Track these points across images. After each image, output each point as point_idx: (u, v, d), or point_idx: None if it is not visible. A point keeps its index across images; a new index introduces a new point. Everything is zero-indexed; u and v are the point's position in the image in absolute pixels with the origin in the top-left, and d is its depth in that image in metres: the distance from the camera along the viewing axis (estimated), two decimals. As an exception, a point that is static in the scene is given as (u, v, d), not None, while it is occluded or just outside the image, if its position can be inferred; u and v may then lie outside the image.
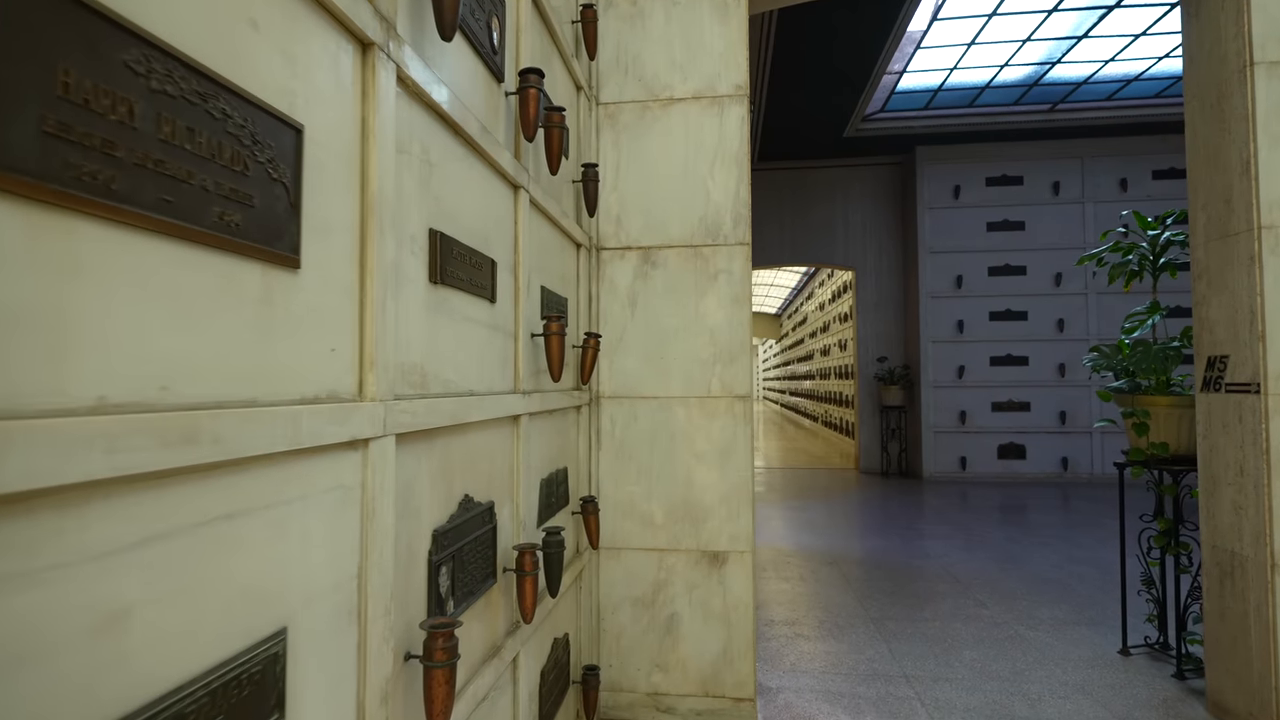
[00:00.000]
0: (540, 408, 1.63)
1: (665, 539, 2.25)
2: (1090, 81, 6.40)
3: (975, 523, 5.35)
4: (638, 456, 2.27)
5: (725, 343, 2.25)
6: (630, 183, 2.32)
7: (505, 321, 1.42)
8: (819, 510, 5.90)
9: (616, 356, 2.29)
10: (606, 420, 2.29)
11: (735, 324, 2.25)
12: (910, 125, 7.24)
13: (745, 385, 2.24)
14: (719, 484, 2.23)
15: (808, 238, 8.42)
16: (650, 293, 2.29)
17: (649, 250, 2.30)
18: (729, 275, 2.26)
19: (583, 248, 2.13)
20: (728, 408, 2.24)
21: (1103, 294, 7.51)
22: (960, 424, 7.60)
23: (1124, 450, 2.79)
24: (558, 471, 1.85)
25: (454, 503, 1.15)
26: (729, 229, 2.27)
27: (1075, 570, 3.98)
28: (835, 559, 4.28)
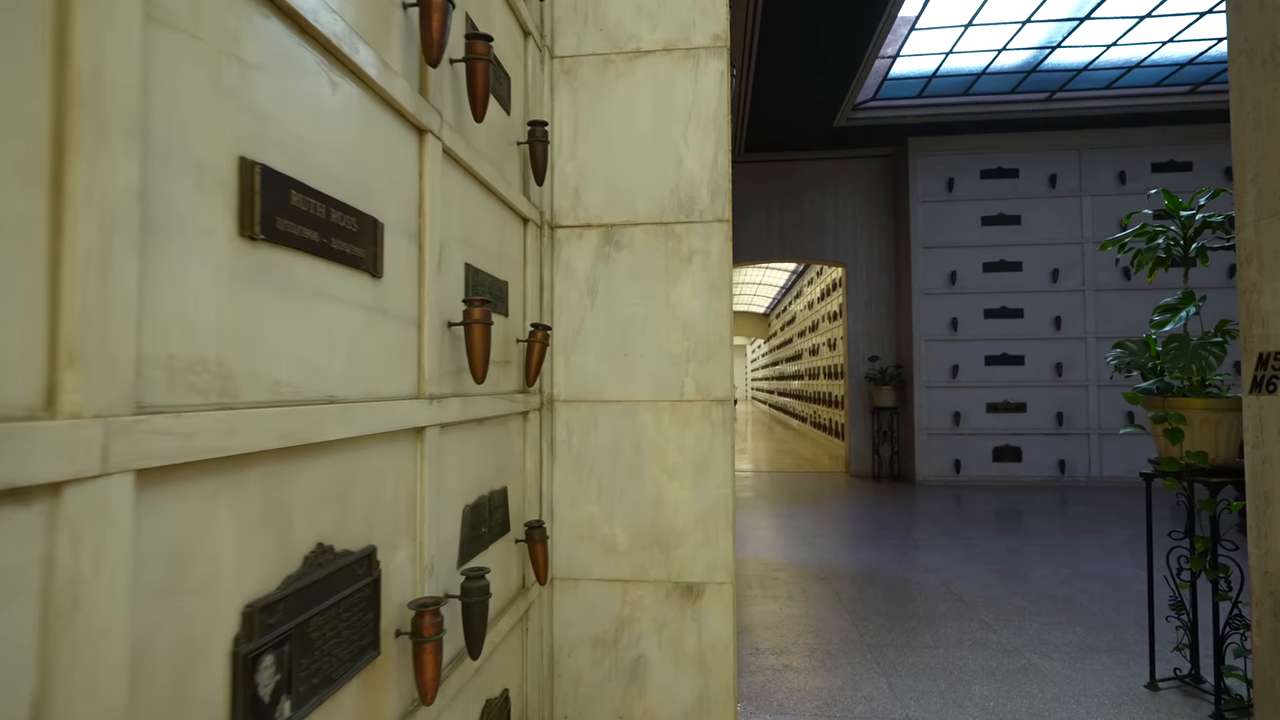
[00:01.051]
0: (460, 416, 1.28)
1: (630, 568, 1.91)
2: (1090, 68, 6.13)
3: (973, 531, 5.05)
4: (598, 471, 1.93)
5: (701, 337, 1.91)
6: (590, 149, 1.97)
7: (400, 304, 1.08)
8: (808, 518, 5.58)
9: (573, 353, 1.95)
10: (561, 428, 1.94)
11: (713, 315, 1.91)
12: (903, 115, 6.95)
13: (724, 387, 1.90)
14: (693, 503, 1.90)
15: (797, 233, 8.11)
16: (613, 278, 1.95)
17: (611, 228, 1.96)
18: (705, 257, 1.92)
19: (530, 223, 1.78)
20: (704, 413, 1.90)
21: (1100, 291, 7.26)
22: (954, 425, 7.32)
23: (1151, 459, 2.48)
24: (493, 493, 1.51)
25: (295, 557, 0.80)
26: (705, 203, 1.93)
27: (1085, 586, 3.68)
28: (826, 574, 3.95)
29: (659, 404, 1.91)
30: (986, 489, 6.96)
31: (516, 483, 1.70)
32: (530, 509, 1.77)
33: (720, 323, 1.91)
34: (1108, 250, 7.19)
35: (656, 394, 1.92)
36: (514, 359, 1.67)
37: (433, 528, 1.15)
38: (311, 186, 0.83)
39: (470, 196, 1.40)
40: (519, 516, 1.70)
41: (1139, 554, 4.36)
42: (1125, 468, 7.13)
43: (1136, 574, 3.91)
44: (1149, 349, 2.45)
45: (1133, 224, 2.61)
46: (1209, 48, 5.76)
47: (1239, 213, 2.04)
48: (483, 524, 1.43)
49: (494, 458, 1.53)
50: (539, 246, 1.86)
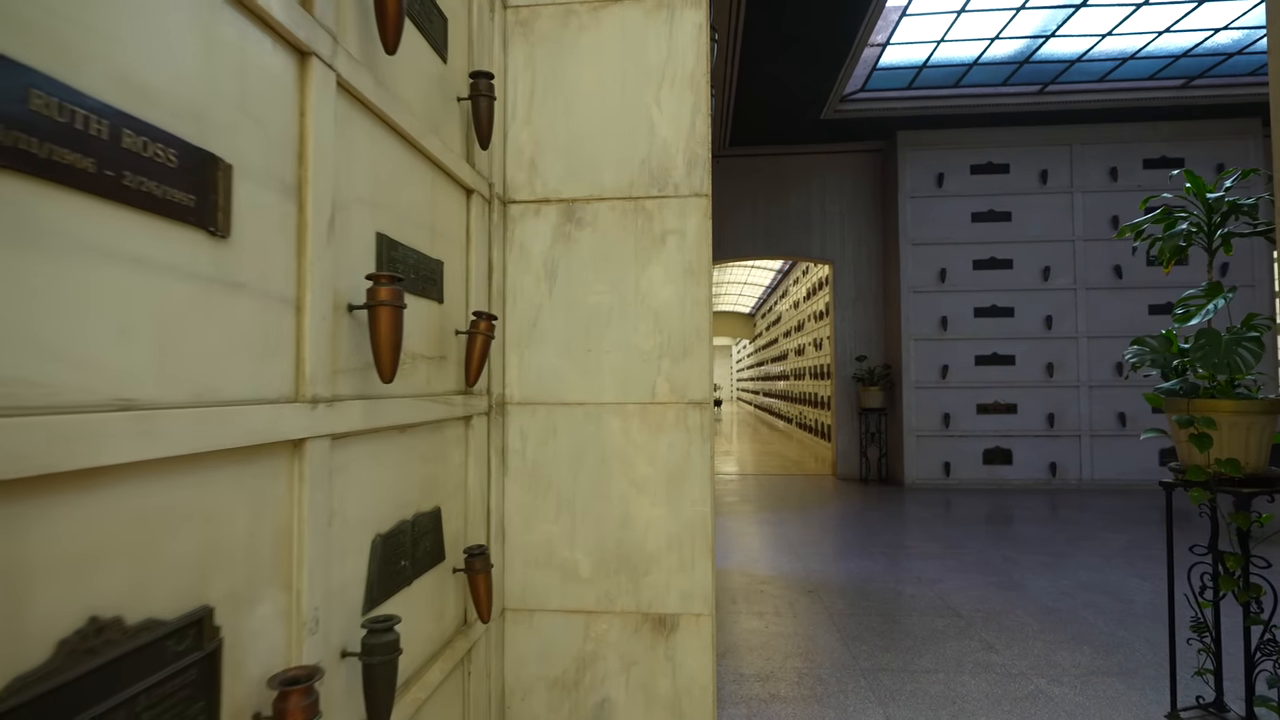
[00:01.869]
0: (365, 424, 1.01)
1: (594, 597, 1.65)
2: (1084, 59, 5.96)
3: (966, 539, 4.84)
4: (557, 485, 1.66)
5: (675, 329, 1.65)
6: (549, 114, 1.71)
7: (265, 277, 0.81)
8: (795, 525, 5.35)
9: (529, 348, 1.68)
10: (514, 435, 1.68)
11: (689, 303, 1.65)
12: (892, 107, 6.74)
13: (702, 387, 1.65)
14: (666, 522, 1.64)
15: (783, 228, 7.89)
16: (575, 261, 1.68)
17: (573, 204, 1.69)
18: (680, 237, 1.67)
19: (476, 195, 1.52)
20: (678, 418, 1.64)
21: (1092, 289, 7.11)
22: (944, 427, 7.13)
23: (1173, 465, 2.26)
24: (419, 517, 1.24)
25: (39, 644, 0.53)
26: (681, 175, 1.67)
27: (1087, 599, 3.47)
28: (815, 587, 3.71)
29: (627, 407, 1.65)
30: (977, 492, 6.78)
31: (455, 501, 1.43)
32: (474, 531, 1.50)
33: (697, 313, 1.65)
34: (1100, 245, 7.01)
35: (624, 395, 1.66)
36: (451, 354, 1.40)
37: (318, 569, 0.89)
38: (79, 90, 0.56)
39: (386, 152, 1.13)
40: (458, 542, 1.43)
41: (1138, 562, 4.17)
42: (1116, 470, 6.98)
43: (1139, 584, 3.71)
44: (1171, 345, 2.23)
45: (1151, 209, 2.39)
46: (1206, 38, 5.60)
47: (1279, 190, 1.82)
48: (403, 555, 1.16)
49: (422, 473, 1.27)
50: (486, 223, 1.59)
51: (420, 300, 1.25)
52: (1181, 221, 2.22)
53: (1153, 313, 7.07)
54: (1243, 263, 7.02)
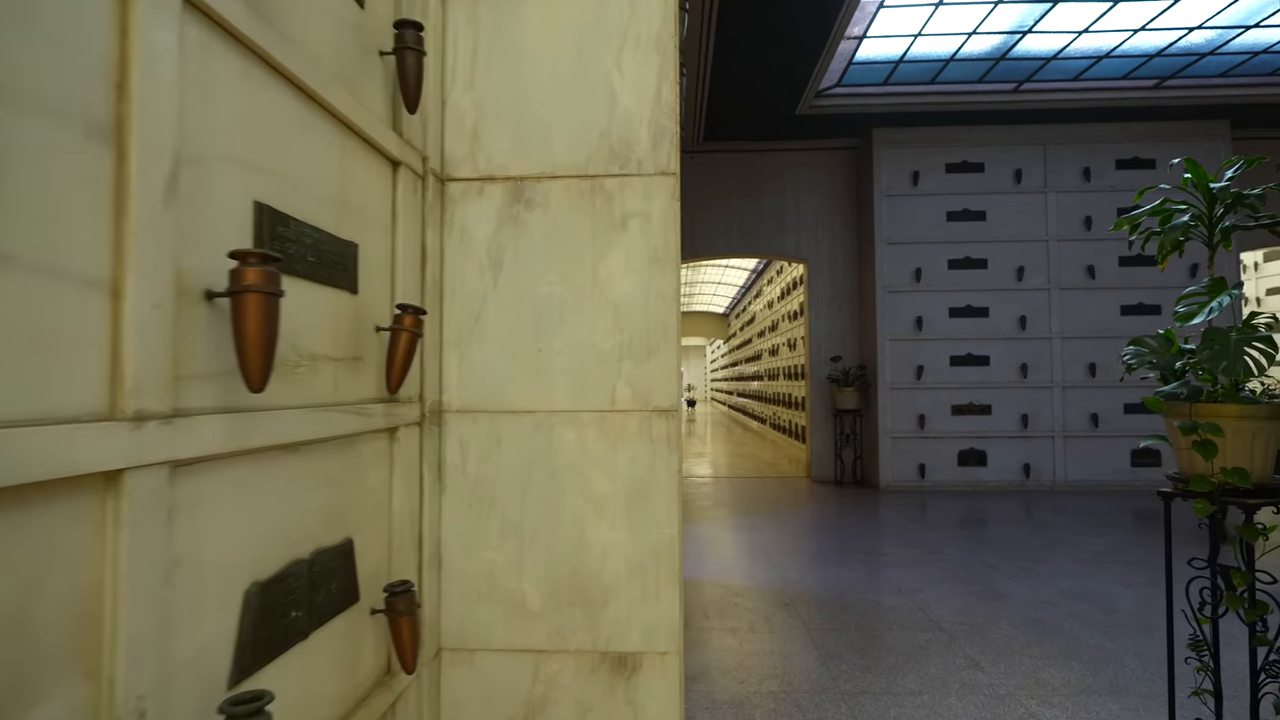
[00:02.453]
0: (231, 445, 0.79)
1: (544, 634, 1.43)
2: (1059, 57, 5.90)
3: (943, 544, 4.72)
4: (502, 505, 1.45)
5: (638, 325, 1.45)
6: (495, 79, 1.49)
7: (51, 249, 0.58)
8: (769, 531, 5.18)
9: (470, 347, 1.46)
10: (453, 448, 1.45)
11: (654, 296, 1.45)
12: (868, 103, 6.63)
13: (668, 392, 1.44)
14: (627, 547, 1.43)
15: (757, 227, 7.75)
16: (524, 247, 1.47)
17: (522, 182, 1.48)
18: (645, 221, 1.46)
19: (404, 169, 1.29)
20: (641, 428, 1.44)
21: (1065, 289, 7.08)
22: (919, 428, 7.05)
23: (1172, 474, 2.12)
24: (320, 554, 1.01)
25: None
26: (645, 150, 1.47)
27: (1071, 609, 3.35)
28: (791, 598, 3.54)
29: (582, 415, 1.44)
30: (951, 494, 6.70)
31: (375, 529, 1.21)
32: (401, 563, 1.28)
33: (663, 307, 1.45)
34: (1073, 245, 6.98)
35: (579, 402, 1.44)
36: (370, 355, 1.18)
37: (146, 642, 0.66)
38: None
39: (270, 103, 0.90)
40: (378, 577, 1.21)
41: (1117, 567, 4.08)
42: (1089, 471, 6.96)
43: (1121, 592, 3.62)
44: (1171, 346, 2.09)
45: (1146, 200, 2.26)
46: (1179, 37, 5.58)
47: (1295, 179, 1.68)
48: (295, 604, 0.94)
49: (326, 499, 1.04)
50: (419, 202, 1.37)
51: (324, 289, 1.03)
52: (1182, 214, 2.08)
53: (1125, 313, 7.07)
54: (1211, 264, 7.04)
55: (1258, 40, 5.70)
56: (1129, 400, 7.00)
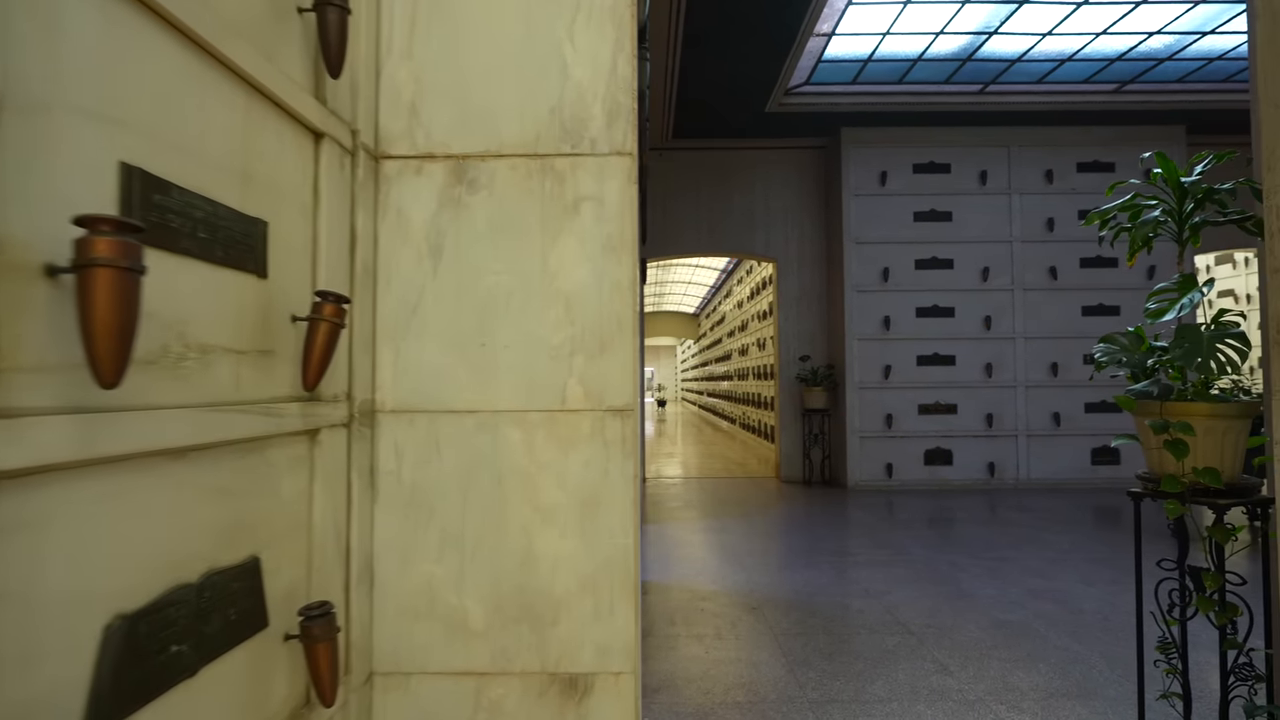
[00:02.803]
0: (81, 452, 0.65)
1: (488, 655, 1.31)
2: (1024, 59, 5.95)
3: (911, 543, 4.70)
4: (442, 514, 1.32)
5: (592, 319, 1.33)
6: (435, 48, 1.37)
7: None
8: (738, 532, 5.11)
9: (407, 341, 1.33)
10: (387, 452, 1.32)
11: (609, 287, 1.34)
12: (836, 102, 6.61)
13: (624, 391, 1.34)
14: (579, 559, 1.32)
15: (726, 225, 7.69)
16: (466, 232, 1.34)
17: (464, 161, 1.35)
18: (598, 205, 1.35)
19: (328, 140, 1.16)
20: (595, 429, 1.32)
21: (1029, 290, 7.17)
22: (886, 428, 7.06)
23: (1142, 474, 2.08)
24: (213, 577, 0.88)
25: None
26: (599, 128, 1.36)
27: (1038, 609, 3.33)
28: (759, 602, 3.46)
29: (530, 416, 1.32)
30: (918, 494, 6.72)
31: (290, 544, 1.07)
32: (324, 580, 1.14)
33: (619, 299, 1.33)
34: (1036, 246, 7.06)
35: (527, 401, 1.33)
36: (284, 348, 1.04)
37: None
38: None
39: (143, 49, 0.77)
40: (295, 597, 1.07)
41: (1081, 566, 4.10)
42: (1051, 470, 7.05)
43: (1085, 591, 3.62)
44: (1142, 344, 2.06)
45: (1117, 195, 2.22)
46: (1139, 41, 5.66)
47: (1269, 172, 1.63)
48: (177, 637, 0.80)
49: (222, 513, 0.90)
50: (348, 179, 1.23)
51: (221, 271, 0.90)
52: (1153, 209, 2.04)
53: (1085, 314, 7.18)
54: (1168, 265, 7.20)
55: (1213, 47, 5.82)
56: (1089, 399, 7.11)
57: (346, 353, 1.23)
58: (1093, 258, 7.19)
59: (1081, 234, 7.17)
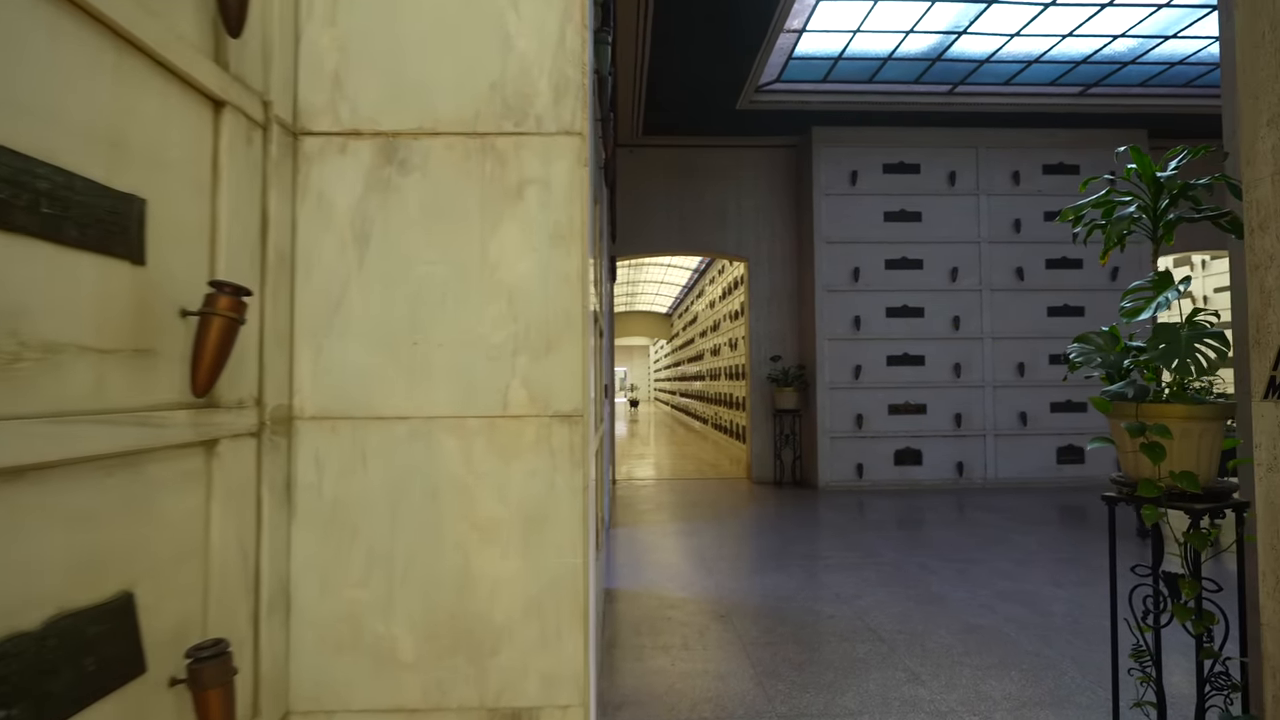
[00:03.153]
0: None
1: (420, 689, 1.18)
2: (992, 60, 5.97)
3: (881, 545, 4.66)
4: (368, 533, 1.18)
5: (537, 315, 1.21)
6: (363, 12, 1.23)
7: None
8: (708, 534, 5.02)
9: (330, 340, 1.19)
10: (306, 463, 1.18)
11: (555, 280, 1.21)
12: (807, 100, 6.57)
13: (573, 394, 1.21)
14: (523, 580, 1.19)
15: (698, 224, 7.60)
16: (397, 218, 1.21)
17: (395, 139, 1.22)
18: (544, 190, 1.22)
19: (230, 110, 1.01)
20: (540, 437, 1.20)
21: (996, 290, 7.21)
22: (857, 428, 7.04)
23: (1117, 478, 2.02)
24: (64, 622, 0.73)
25: None
26: (545, 105, 1.23)
27: (1008, 613, 3.29)
28: (728, 609, 3.36)
29: (469, 422, 1.20)
30: (888, 494, 6.71)
31: (179, 574, 0.93)
32: (224, 614, 1.00)
33: (567, 293, 1.21)
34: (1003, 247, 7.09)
35: (465, 406, 1.20)
36: (167, 346, 0.90)
37: None
38: None
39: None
40: (184, 636, 0.93)
41: (1050, 566, 4.09)
42: (1017, 469, 7.11)
43: (1054, 593, 3.59)
44: (1117, 343, 2.00)
45: (1091, 191, 2.17)
46: (1104, 44, 5.71)
47: (1248, 166, 1.58)
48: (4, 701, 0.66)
49: (80, 543, 0.76)
50: (258, 156, 1.09)
51: (76, 254, 0.75)
52: (1127, 205, 1.98)
53: (1051, 314, 7.25)
54: (1131, 267, 7.31)
55: (1175, 51, 5.90)
56: (1055, 399, 7.18)
57: (257, 352, 1.09)
58: (1058, 259, 7.27)
59: (1047, 235, 7.24)
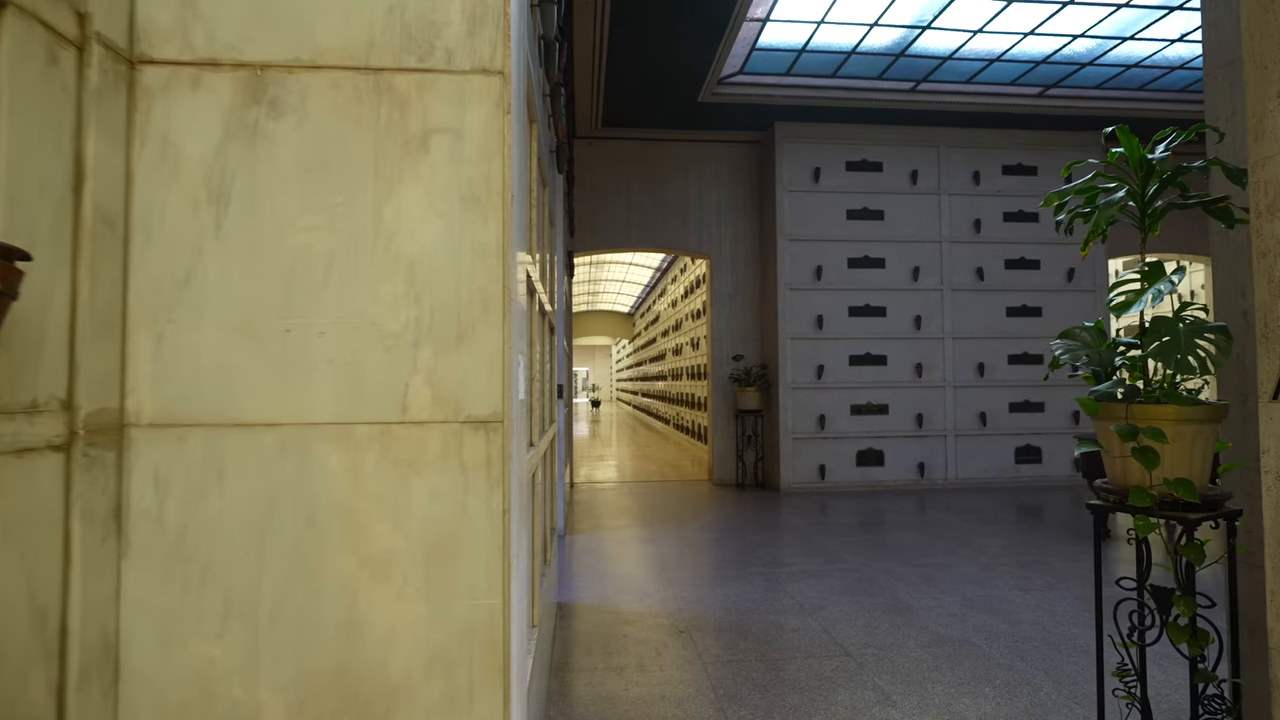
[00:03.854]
0: None
1: (292, 768, 0.93)
2: (954, 57, 5.91)
3: (845, 550, 4.52)
4: (225, 570, 0.93)
5: (446, 295, 0.97)
6: (225, -86, 0.97)
7: None
8: (668, 541, 4.81)
9: (176, 324, 0.94)
10: (142, 483, 0.92)
11: (471, 252, 0.98)
12: (770, 94, 6.43)
13: (490, 394, 0.98)
14: (425, 627, 0.95)
15: (658, 220, 7.40)
16: (267, 172, 0.96)
17: (264, 72, 0.97)
18: (455, 140, 0.99)
19: (13, 12, 0.75)
20: (449, 449, 0.96)
21: (956, 290, 7.19)
22: (819, 429, 6.93)
23: (1102, 484, 1.88)
24: None
25: None
26: (458, 35, 1.00)
27: (979, 622, 3.16)
28: (687, 623, 3.16)
29: (357, 430, 0.95)
30: (851, 495, 6.62)
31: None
32: (7, 688, 0.74)
33: (484, 269, 0.98)
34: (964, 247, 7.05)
35: (352, 411, 0.95)
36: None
37: None
38: None
39: None
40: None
41: (1016, 570, 4.00)
42: (978, 469, 7.10)
43: (1022, 599, 3.49)
44: (1104, 340, 1.85)
45: (1076, 176, 2.03)
46: (1065, 44, 5.70)
47: (1256, 142, 1.43)
48: None
49: None
50: (70, 85, 0.83)
51: None
52: (1112, 191, 1.84)
53: (1010, 314, 7.26)
54: (1084, 268, 7.38)
55: (1131, 53, 5.93)
56: (1014, 399, 7.20)
57: (66, 339, 0.83)
58: (1017, 259, 7.29)
59: (1006, 235, 7.26)
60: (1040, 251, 7.31)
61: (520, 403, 1.12)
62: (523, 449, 1.26)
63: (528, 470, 1.54)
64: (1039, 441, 7.20)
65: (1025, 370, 7.23)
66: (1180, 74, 6.31)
